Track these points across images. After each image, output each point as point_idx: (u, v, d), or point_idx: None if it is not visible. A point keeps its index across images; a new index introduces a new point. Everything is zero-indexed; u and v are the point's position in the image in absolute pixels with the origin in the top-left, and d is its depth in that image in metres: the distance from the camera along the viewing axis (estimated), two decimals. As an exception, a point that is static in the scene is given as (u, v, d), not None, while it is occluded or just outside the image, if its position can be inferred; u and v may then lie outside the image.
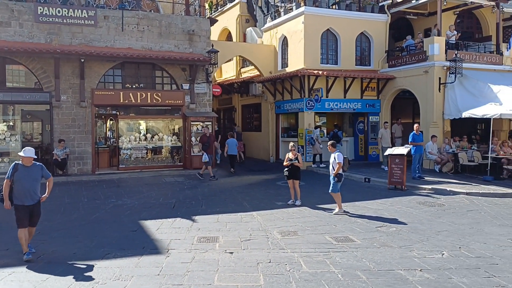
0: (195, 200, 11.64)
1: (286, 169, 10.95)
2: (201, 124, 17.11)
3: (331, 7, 19.02)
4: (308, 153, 17.97)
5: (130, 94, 16.33)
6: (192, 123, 17.01)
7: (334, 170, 9.94)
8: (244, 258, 6.76)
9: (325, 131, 19.61)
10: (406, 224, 8.99)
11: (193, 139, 16.93)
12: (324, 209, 10.40)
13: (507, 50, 17.53)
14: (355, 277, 5.92)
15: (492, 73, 17.12)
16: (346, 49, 18.92)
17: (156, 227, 8.72)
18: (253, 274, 6.06)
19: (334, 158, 9.95)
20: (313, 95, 18.05)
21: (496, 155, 14.52)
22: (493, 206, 10.76)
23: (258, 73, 21.08)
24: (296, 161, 10.80)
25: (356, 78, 18.56)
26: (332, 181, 10.10)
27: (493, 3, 17.74)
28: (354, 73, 18.50)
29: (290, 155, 10.94)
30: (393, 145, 17.51)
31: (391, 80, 18.66)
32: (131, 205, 10.99)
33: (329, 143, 10.49)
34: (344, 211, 9.98)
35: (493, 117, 14.21)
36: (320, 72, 17.72)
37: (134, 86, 16.99)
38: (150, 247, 7.44)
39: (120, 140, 16.72)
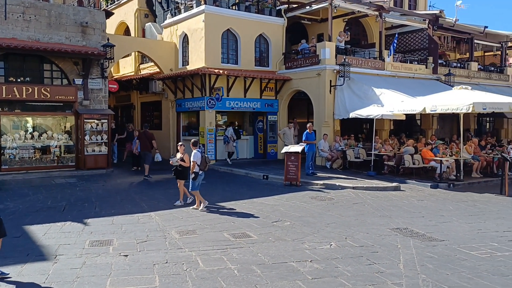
0: (88, 202, 11.03)
1: (173, 168, 10.92)
2: (96, 121, 16.26)
3: (231, 7, 19.29)
4: (209, 151, 18.05)
5: (15, 88, 14.91)
6: (85, 120, 16.06)
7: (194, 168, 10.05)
8: (139, 260, 6.60)
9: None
10: (299, 218, 9.50)
11: (87, 137, 16.00)
12: (224, 207, 10.54)
13: (388, 57, 19.35)
14: (250, 271, 6.12)
15: (376, 77, 18.79)
16: (246, 50, 19.35)
17: (43, 232, 8.10)
18: (149, 276, 5.95)
19: (191, 156, 10.10)
20: (214, 94, 18.17)
21: (378, 152, 15.97)
22: (375, 199, 11.83)
23: (158, 70, 20.61)
24: (183, 161, 10.67)
25: (256, 78, 19.08)
26: (189, 179, 10.18)
27: (376, 13, 19.45)
28: (253, 73, 18.99)
29: (178, 154, 10.86)
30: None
31: (288, 81, 19.52)
32: (15, 209, 10.07)
33: (191, 141, 10.51)
34: (207, 207, 10.17)
35: (376, 117, 15.63)
36: (221, 71, 17.90)
37: (19, 80, 15.55)
38: (35, 253, 6.90)
39: (3, 139, 15.19)
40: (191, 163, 10.13)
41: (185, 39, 19.77)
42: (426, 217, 9.77)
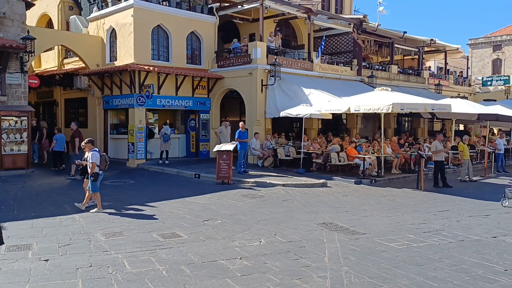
0: (5, 205, 10.29)
1: (79, 168, 10.47)
2: (15, 119, 15.19)
3: (161, 3, 18.90)
4: (139, 150, 17.59)
5: None
6: (3, 118, 14.96)
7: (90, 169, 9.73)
8: (61, 264, 6.29)
9: (157, 128, 19.46)
10: (231, 216, 9.57)
11: (4, 136, 14.90)
12: (154, 207, 10.33)
13: (316, 58, 20.05)
14: (179, 271, 6.07)
15: (305, 77, 19.40)
16: (178, 47, 19.08)
17: (-49, 240, 7.43)
18: (71, 280, 5.69)
19: (88, 157, 9.78)
20: (144, 91, 17.71)
21: (307, 150, 16.50)
22: (304, 195, 12.23)
23: (83, 65, 19.69)
24: (85, 160, 10.13)
25: (188, 76, 18.89)
26: (89, 181, 9.80)
27: (305, 15, 20.07)
28: (185, 71, 18.78)
29: (86, 153, 10.25)
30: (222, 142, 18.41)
31: (220, 79, 19.53)
32: None
33: (86, 141, 10.11)
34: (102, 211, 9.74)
35: (305, 116, 16.14)
36: (151, 68, 17.50)
37: None
38: None
39: None
40: (90, 164, 9.62)
41: (113, 33, 19.06)
42: (350, 212, 10.28)
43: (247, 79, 18.29)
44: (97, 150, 9.95)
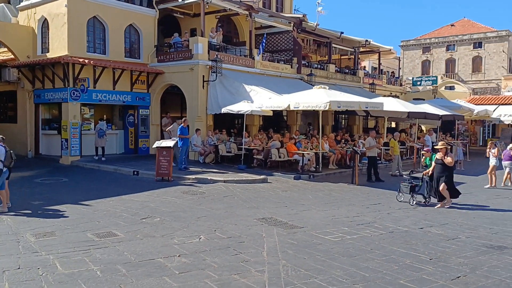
0: None
1: None
2: None
3: (98, -7, 18.15)
4: (73, 146, 16.83)
5: None
6: None
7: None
8: (-14, 268, 5.91)
9: (92, 124, 18.72)
10: (170, 213, 9.46)
11: None
12: (89, 206, 9.96)
13: (258, 55, 20.23)
14: (115, 271, 5.91)
15: (246, 74, 19.51)
16: (115, 40, 18.44)
17: None
18: (-3, 285, 5.37)
19: None
20: (79, 85, 16.95)
21: (248, 146, 16.64)
22: (244, 191, 12.34)
23: (12, 56, 18.48)
24: None
25: (126, 70, 18.33)
26: None
27: (246, 12, 20.17)
28: (123, 64, 18.21)
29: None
30: (162, 138, 18.10)
31: (160, 74, 19.15)
32: None
33: None
34: (6, 212, 9.19)
35: (246, 113, 16.25)
36: (87, 60, 16.81)
37: None
38: None
39: None
40: None
41: (45, 24, 18.05)
42: (289, 207, 10.52)
43: (188, 74, 18.08)
44: (3, 146, 9.32)
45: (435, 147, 12.38)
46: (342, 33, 25.21)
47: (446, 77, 46.30)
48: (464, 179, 15.36)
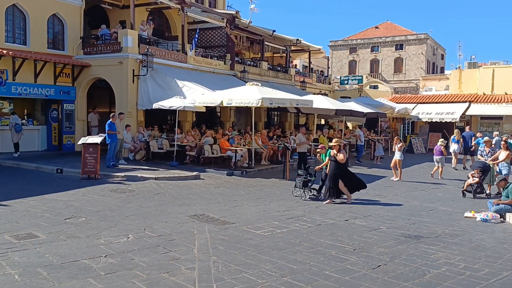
0: None
1: None
2: None
3: (17, -21, 16.93)
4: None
5: None
6: None
7: None
8: None
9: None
10: (96, 212, 9.09)
11: None
12: (7, 206, 9.29)
13: (190, 51, 19.99)
14: (35, 274, 5.58)
15: (179, 69, 19.22)
16: (37, 30, 17.33)
17: None
18: None
19: None
20: (-5, 77, 15.73)
21: (180, 143, 16.42)
22: (176, 188, 12.18)
23: None
24: None
25: (49, 62, 17.32)
26: None
27: (178, 6, 19.82)
28: (46, 56, 17.17)
29: None
30: (89, 134, 17.32)
31: (87, 67, 18.29)
32: None
33: None
34: None
35: (178, 109, 16.02)
36: (5, 51, 15.63)
37: None
38: None
39: None
40: None
41: (-46, 9, 16.49)
42: (221, 203, 10.55)
43: (117, 68, 17.43)
44: None
45: (329, 144, 12.28)
46: (274, 31, 25.63)
47: (371, 76, 48.75)
48: (385, 173, 16.33)
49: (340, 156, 10.77)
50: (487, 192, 12.48)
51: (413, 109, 28.50)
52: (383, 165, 18.84)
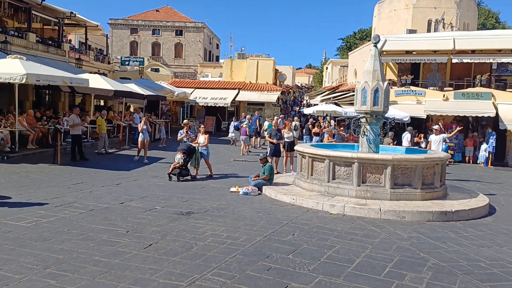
0: None
1: None
2: None
3: None
4: None
5: None
6: None
7: None
8: None
9: None
10: None
11: None
12: None
13: None
14: None
15: None
16: None
17: None
18: None
19: None
20: None
21: None
22: None
23: None
24: None
25: None
26: None
27: None
28: None
29: None
30: None
31: None
32: None
33: None
34: None
35: None
36: None
37: None
38: None
39: None
40: None
41: None
42: (-27, 195, 9.03)
43: None
44: None
45: None
46: (44, 0, 22.88)
47: (152, 59, 48.89)
48: (165, 154, 16.81)
49: None
50: (192, 175, 12.28)
51: (191, 93, 29.94)
52: (166, 147, 19.38)
